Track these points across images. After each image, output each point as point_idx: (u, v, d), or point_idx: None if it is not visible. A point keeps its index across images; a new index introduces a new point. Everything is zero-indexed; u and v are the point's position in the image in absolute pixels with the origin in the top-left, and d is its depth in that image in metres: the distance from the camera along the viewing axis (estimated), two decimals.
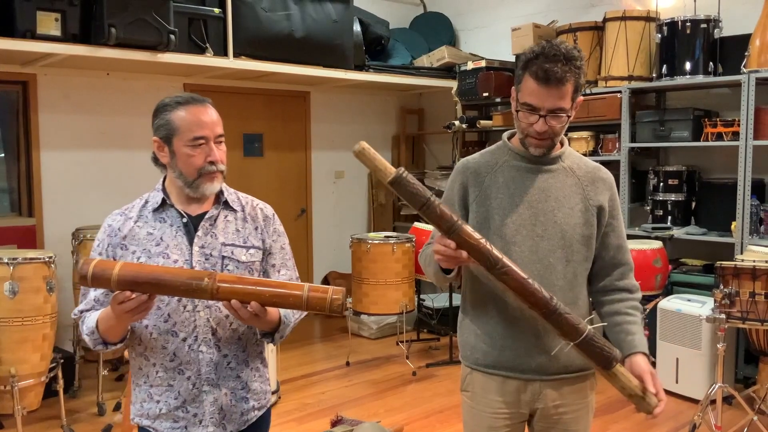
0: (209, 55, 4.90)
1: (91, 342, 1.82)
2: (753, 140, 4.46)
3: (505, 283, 1.73)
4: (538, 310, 1.74)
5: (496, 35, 6.51)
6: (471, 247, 1.71)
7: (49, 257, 3.82)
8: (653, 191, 5.19)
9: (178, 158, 1.82)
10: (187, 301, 1.80)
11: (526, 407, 1.98)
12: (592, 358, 1.77)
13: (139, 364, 1.88)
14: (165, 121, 1.83)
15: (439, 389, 4.72)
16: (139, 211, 1.89)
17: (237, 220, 1.91)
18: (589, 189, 1.96)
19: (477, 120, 6.21)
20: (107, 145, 5.35)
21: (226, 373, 1.86)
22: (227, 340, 1.85)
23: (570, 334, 1.75)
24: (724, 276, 3.72)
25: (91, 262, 1.64)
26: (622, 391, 1.82)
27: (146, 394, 1.87)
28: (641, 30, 5.13)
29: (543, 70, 1.79)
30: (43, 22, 4.16)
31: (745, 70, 4.52)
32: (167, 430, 1.86)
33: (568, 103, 1.84)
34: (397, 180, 1.70)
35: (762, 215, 4.54)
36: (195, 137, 1.81)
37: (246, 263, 1.87)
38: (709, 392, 3.76)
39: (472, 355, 2.02)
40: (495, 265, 1.71)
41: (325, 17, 5.53)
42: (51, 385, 3.93)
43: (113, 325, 1.75)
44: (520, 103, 1.87)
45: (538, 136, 1.87)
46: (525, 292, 1.73)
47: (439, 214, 1.71)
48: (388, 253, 5.18)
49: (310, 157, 6.63)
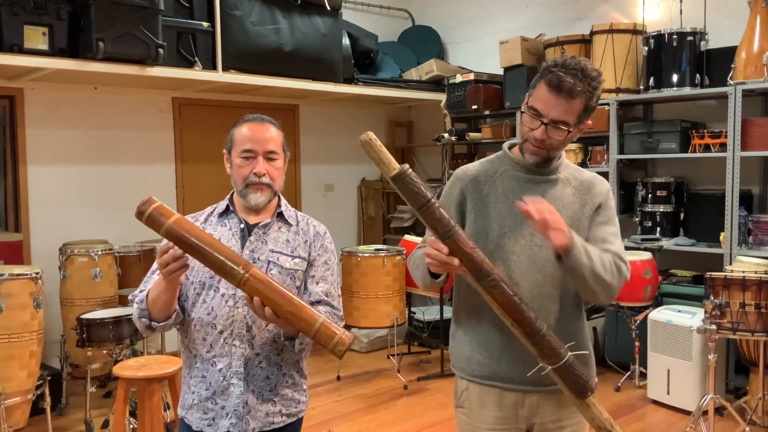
0: (198, 68, 4.89)
1: (138, 313, 1.94)
2: (740, 151, 4.49)
3: (492, 296, 1.72)
4: (522, 329, 1.72)
5: (484, 48, 6.54)
6: (464, 255, 1.70)
7: (36, 273, 3.78)
8: (642, 202, 5.21)
9: (233, 168, 2.02)
10: (229, 296, 1.93)
11: (523, 422, 1.97)
12: (567, 385, 1.76)
13: (186, 356, 2.04)
14: (231, 135, 2.04)
15: (431, 403, 4.69)
16: (207, 215, 2.08)
17: (290, 233, 2.05)
18: (587, 196, 1.97)
19: (466, 132, 6.23)
20: (95, 159, 5.31)
21: (256, 372, 1.96)
22: (261, 340, 1.95)
23: (550, 358, 1.73)
24: (714, 287, 3.73)
25: (153, 203, 1.77)
26: (590, 422, 1.81)
27: (186, 385, 2.04)
28: (628, 43, 5.18)
29: (557, 78, 1.80)
30: (30, 36, 4.13)
31: (732, 81, 4.56)
32: (197, 421, 1.99)
33: (573, 119, 1.84)
34: (401, 176, 1.69)
35: (750, 226, 4.57)
36: (244, 149, 1.97)
37: (289, 270, 1.99)
38: (700, 403, 3.76)
39: (468, 366, 1.99)
40: (486, 277, 1.70)
41: (314, 31, 5.54)
42: (38, 403, 3.87)
43: (158, 294, 1.88)
44: (527, 106, 1.87)
45: (536, 143, 1.87)
46: (511, 309, 1.71)
47: (438, 217, 1.70)
48: (379, 266, 5.17)
49: (300, 170, 6.62)
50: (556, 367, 1.73)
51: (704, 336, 3.79)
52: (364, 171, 7.18)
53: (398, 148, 7.37)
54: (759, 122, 4.48)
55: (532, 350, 1.75)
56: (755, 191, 4.85)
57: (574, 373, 1.74)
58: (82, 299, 4.60)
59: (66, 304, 4.66)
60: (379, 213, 7.21)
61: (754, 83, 4.46)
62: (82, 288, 4.62)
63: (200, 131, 5.90)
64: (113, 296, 4.72)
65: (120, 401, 3.30)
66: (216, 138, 5.89)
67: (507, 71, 5.81)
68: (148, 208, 1.75)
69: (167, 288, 1.85)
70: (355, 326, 5.36)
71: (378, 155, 1.71)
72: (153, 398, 3.25)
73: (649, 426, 4.23)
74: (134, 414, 3.87)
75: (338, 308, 2.05)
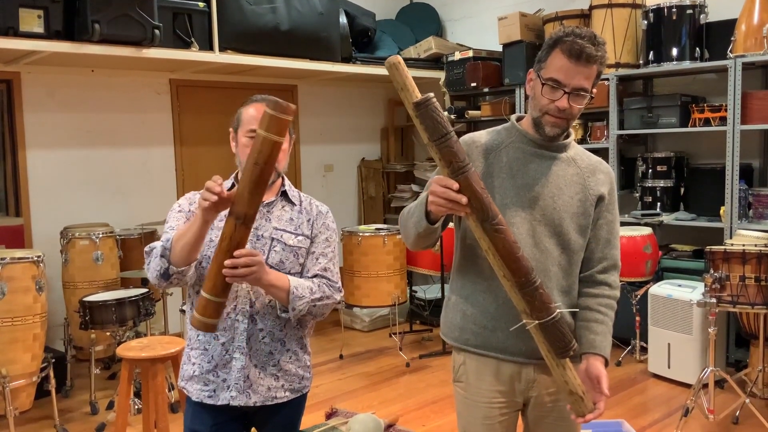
0: (195, 49, 4.86)
1: (160, 251, 1.91)
2: (740, 125, 4.47)
3: (493, 242, 1.68)
4: (517, 279, 1.69)
5: (482, 25, 6.49)
6: (474, 194, 1.65)
7: (37, 256, 3.79)
8: (642, 178, 5.20)
9: (239, 148, 2.03)
10: None
11: (520, 396, 1.97)
12: (550, 341, 1.74)
13: (189, 329, 2.05)
14: (238, 114, 2.06)
15: (433, 380, 4.73)
16: None
17: (293, 212, 2.09)
18: (590, 180, 1.95)
19: (465, 110, 6.21)
20: (94, 142, 5.31)
21: (259, 347, 2.00)
22: (263, 315, 1.99)
23: (539, 312, 1.71)
24: (714, 260, 3.74)
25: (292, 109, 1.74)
26: (564, 385, 1.79)
27: (187, 356, 2.08)
28: (627, 17, 5.14)
29: (578, 46, 1.79)
30: (25, 19, 4.11)
31: (732, 55, 4.53)
32: (197, 392, 2.02)
33: (590, 85, 1.85)
34: (425, 103, 1.65)
35: (750, 199, 4.57)
36: (250, 129, 1.97)
37: (293, 247, 2.03)
38: (701, 376, 3.78)
39: (461, 335, 1.98)
40: (491, 219, 1.66)
41: (311, 10, 5.50)
42: (43, 385, 3.90)
43: (184, 232, 1.87)
44: (544, 79, 1.84)
45: (558, 114, 1.85)
46: (511, 257, 1.68)
47: (455, 150, 1.65)
48: (379, 246, 5.18)
49: (299, 150, 6.61)
50: (544, 321, 1.71)
51: (704, 310, 3.80)
52: (363, 151, 7.17)
53: (397, 128, 7.35)
54: (759, 95, 4.46)
55: (521, 304, 1.72)
56: (755, 165, 4.83)
57: (560, 330, 1.73)
58: (84, 282, 4.62)
59: (68, 288, 4.68)
60: (379, 193, 7.21)
61: (753, 56, 4.43)
62: (84, 271, 4.63)
63: (198, 113, 5.88)
64: (115, 279, 4.74)
65: (124, 382, 3.32)
66: (215, 120, 5.87)
67: (506, 48, 5.78)
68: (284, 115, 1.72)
69: (199, 224, 1.82)
70: (356, 305, 5.39)
71: (403, 80, 1.66)
72: (157, 378, 3.27)
73: (649, 399, 4.27)
74: (139, 395, 3.90)
75: (335, 281, 2.06)
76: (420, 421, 4.02)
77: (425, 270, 5.49)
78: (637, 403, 4.20)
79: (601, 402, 1.84)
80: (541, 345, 1.77)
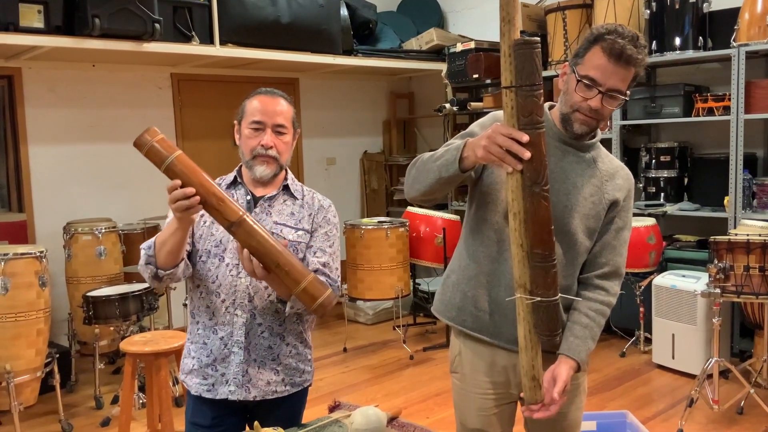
0: (195, 43, 4.85)
1: (144, 260, 1.94)
2: (744, 114, 4.45)
3: (534, 206, 1.60)
4: (540, 250, 1.63)
5: (484, 16, 6.47)
6: (540, 153, 1.56)
7: (40, 252, 3.79)
8: (645, 168, 5.18)
9: (242, 139, 2.03)
10: (233, 266, 1.96)
11: (516, 388, 1.96)
12: (540, 322, 1.69)
13: (190, 321, 2.09)
14: (242, 106, 2.05)
15: (436, 372, 4.73)
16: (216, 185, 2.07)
17: (294, 206, 2.08)
18: (608, 184, 1.91)
19: (468, 102, 6.18)
20: (95, 137, 5.30)
21: (258, 341, 1.99)
22: (263, 309, 1.98)
23: (546, 289, 1.66)
24: (718, 251, 3.72)
25: (157, 135, 1.74)
26: (530, 369, 1.73)
27: (187, 350, 2.08)
28: (630, 6, 5.10)
29: (618, 46, 1.72)
30: (25, 15, 4.10)
31: (735, 44, 4.50)
32: (196, 386, 2.03)
33: (626, 87, 1.78)
34: (530, 44, 1.58)
35: (754, 189, 4.55)
36: (254, 121, 1.99)
37: (292, 242, 2.01)
38: (705, 367, 3.77)
39: (458, 316, 1.96)
40: (543, 184, 1.60)
41: (312, 2, 5.48)
42: (47, 381, 3.91)
43: (166, 238, 1.87)
44: (579, 76, 1.77)
45: (589, 113, 1.80)
46: (545, 227, 1.62)
47: (540, 104, 1.58)
48: (382, 238, 5.17)
49: (301, 144, 6.60)
50: (546, 300, 1.66)
51: (708, 300, 3.79)
52: (366, 144, 7.15)
53: (400, 120, 7.33)
54: (763, 84, 4.43)
55: (525, 277, 1.66)
56: (759, 154, 4.81)
57: (555, 315, 1.70)
58: (87, 277, 4.62)
59: (72, 283, 4.68)
60: (381, 186, 7.20)
61: (757, 45, 4.41)
62: (87, 266, 4.63)
63: (200, 107, 5.87)
64: (118, 274, 4.74)
65: (128, 376, 3.33)
66: (216, 114, 5.86)
67: None
68: (151, 138, 1.71)
69: (178, 228, 1.83)
70: (360, 298, 5.39)
71: (515, 13, 1.61)
72: (161, 373, 3.28)
73: (654, 390, 4.26)
74: (143, 389, 3.91)
75: (335, 279, 2.04)
76: (424, 413, 4.03)
77: (428, 262, 5.48)
78: (641, 394, 4.19)
79: (554, 406, 1.77)
80: (524, 323, 1.70)
